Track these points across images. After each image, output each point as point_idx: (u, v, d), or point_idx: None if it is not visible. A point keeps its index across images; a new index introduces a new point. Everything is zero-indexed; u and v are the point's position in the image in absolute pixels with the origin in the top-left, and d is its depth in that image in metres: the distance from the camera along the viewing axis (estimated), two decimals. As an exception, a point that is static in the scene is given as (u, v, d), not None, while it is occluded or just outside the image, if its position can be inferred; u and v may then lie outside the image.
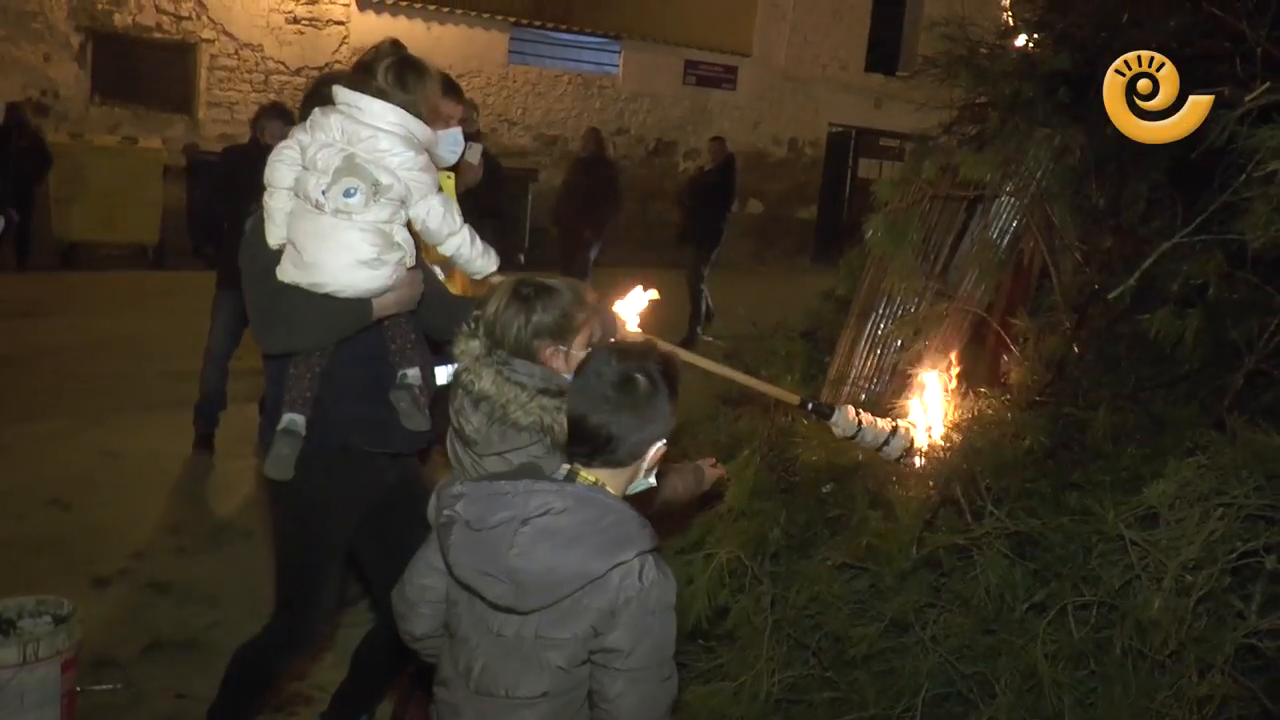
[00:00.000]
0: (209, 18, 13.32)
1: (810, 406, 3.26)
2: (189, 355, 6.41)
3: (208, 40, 13.37)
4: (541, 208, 14.37)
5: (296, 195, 2.71)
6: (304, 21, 13.81)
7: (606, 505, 1.98)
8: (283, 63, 13.78)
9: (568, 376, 2.32)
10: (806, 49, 17.66)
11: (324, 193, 2.64)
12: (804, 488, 3.40)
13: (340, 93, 2.70)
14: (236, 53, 13.55)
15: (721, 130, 17.08)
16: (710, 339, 4.21)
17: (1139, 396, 3.01)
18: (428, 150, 2.81)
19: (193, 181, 12.34)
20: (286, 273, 2.72)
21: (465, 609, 2.07)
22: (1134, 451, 2.76)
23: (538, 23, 15.51)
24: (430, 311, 2.97)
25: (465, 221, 2.91)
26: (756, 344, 4.40)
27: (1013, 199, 3.56)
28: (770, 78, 17.47)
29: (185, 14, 13.20)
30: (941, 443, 3.16)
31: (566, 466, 2.09)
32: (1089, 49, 3.45)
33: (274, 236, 2.77)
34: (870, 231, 3.71)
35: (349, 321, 2.78)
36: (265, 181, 2.77)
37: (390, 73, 2.71)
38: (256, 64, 13.67)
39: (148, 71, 13.27)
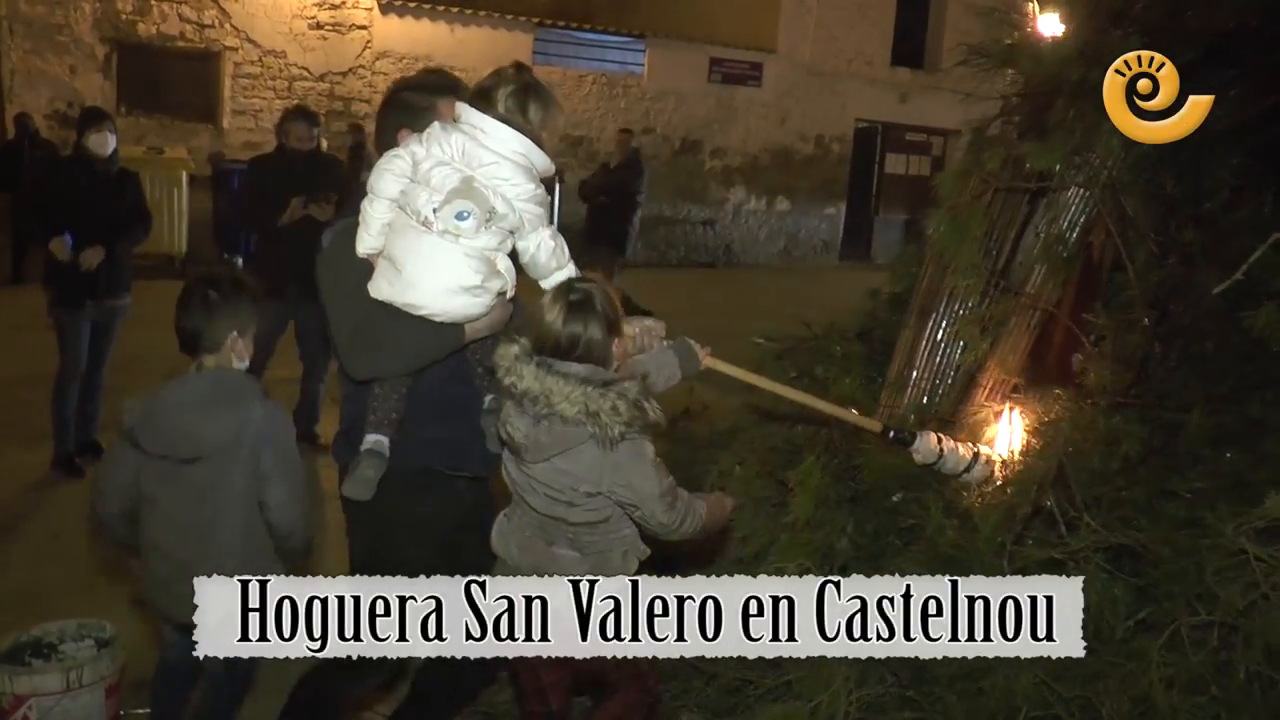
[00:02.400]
0: (232, 25, 13.29)
1: (893, 435, 3.13)
2: (222, 366, 6.32)
3: (231, 48, 13.34)
4: (567, 210, 14.28)
5: (401, 208, 2.58)
6: (327, 27, 13.77)
7: None
8: (306, 69, 13.73)
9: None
10: (832, 44, 17.52)
11: (435, 211, 2.50)
12: (872, 496, 3.26)
13: (466, 112, 2.55)
14: (260, 60, 13.52)
15: (748, 127, 16.99)
16: (761, 340, 4.08)
17: (1234, 397, 2.84)
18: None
19: (219, 191, 12.31)
20: (380, 289, 2.58)
21: None
22: (1235, 456, 2.60)
23: (561, 23, 15.43)
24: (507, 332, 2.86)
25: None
26: (809, 344, 4.26)
27: (1081, 190, 3.42)
28: (796, 74, 17.33)
29: (208, 22, 13.18)
30: (1021, 449, 3.01)
31: None
32: (1162, 33, 3.30)
33: (365, 244, 2.63)
34: (933, 227, 3.57)
35: (441, 346, 2.67)
36: (369, 188, 2.62)
37: (512, 100, 2.54)
38: (280, 70, 13.63)
39: (172, 81, 13.26)
